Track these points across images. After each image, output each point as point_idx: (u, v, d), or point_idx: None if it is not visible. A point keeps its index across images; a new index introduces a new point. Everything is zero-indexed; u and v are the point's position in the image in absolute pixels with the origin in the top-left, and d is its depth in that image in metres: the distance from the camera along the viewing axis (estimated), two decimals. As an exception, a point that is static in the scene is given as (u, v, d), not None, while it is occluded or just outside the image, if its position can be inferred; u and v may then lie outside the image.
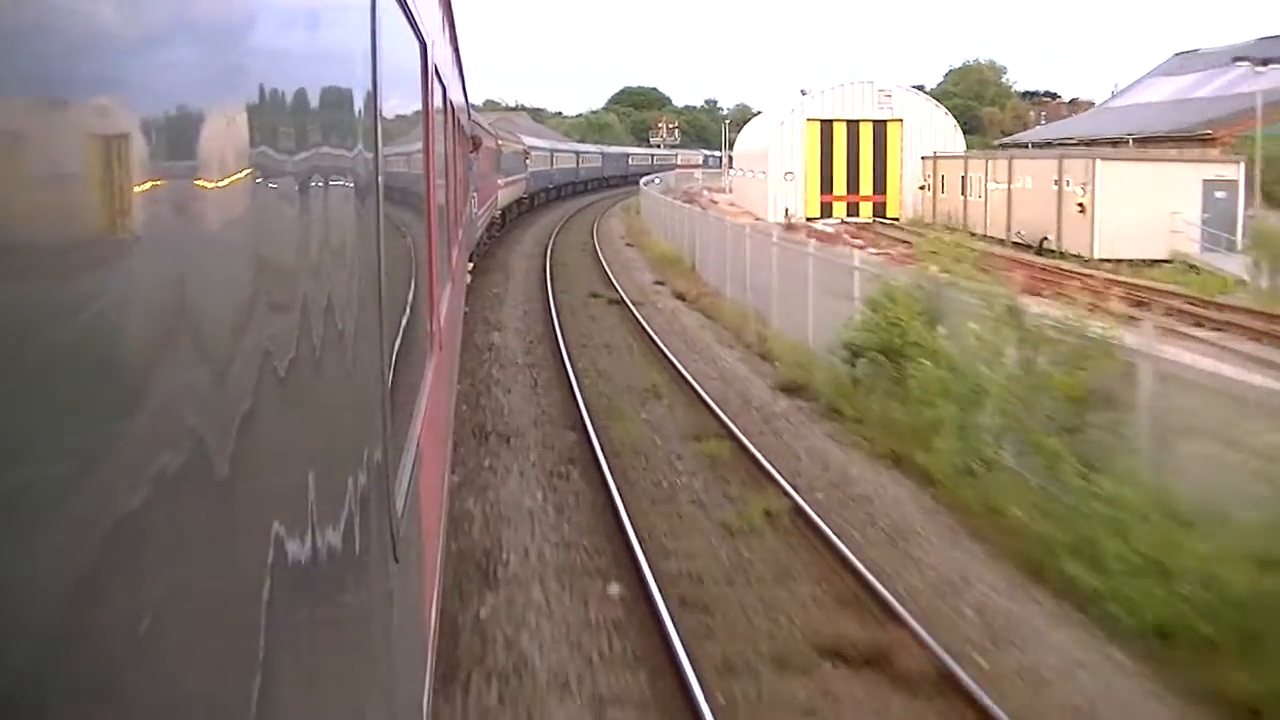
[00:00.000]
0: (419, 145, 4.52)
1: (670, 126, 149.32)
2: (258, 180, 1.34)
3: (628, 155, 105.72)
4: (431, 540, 4.42)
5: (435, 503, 4.95)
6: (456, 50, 11.10)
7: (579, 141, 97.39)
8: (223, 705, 1.12)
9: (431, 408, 4.52)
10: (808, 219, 57.16)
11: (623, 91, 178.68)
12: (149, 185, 0.95)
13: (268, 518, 1.33)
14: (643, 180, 67.88)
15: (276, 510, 1.37)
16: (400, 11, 3.40)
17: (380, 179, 2.58)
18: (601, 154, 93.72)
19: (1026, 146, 62.67)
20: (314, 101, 1.76)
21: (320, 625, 1.66)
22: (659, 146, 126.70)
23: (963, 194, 49.37)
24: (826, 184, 59.60)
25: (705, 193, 73.50)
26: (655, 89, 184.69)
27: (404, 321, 3.39)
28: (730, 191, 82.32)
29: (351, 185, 2.15)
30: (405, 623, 2.98)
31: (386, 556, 2.50)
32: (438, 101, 5.96)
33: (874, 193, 59.81)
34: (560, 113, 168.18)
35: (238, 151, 1.24)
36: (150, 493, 0.91)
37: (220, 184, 1.17)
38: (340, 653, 1.88)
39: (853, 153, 59.59)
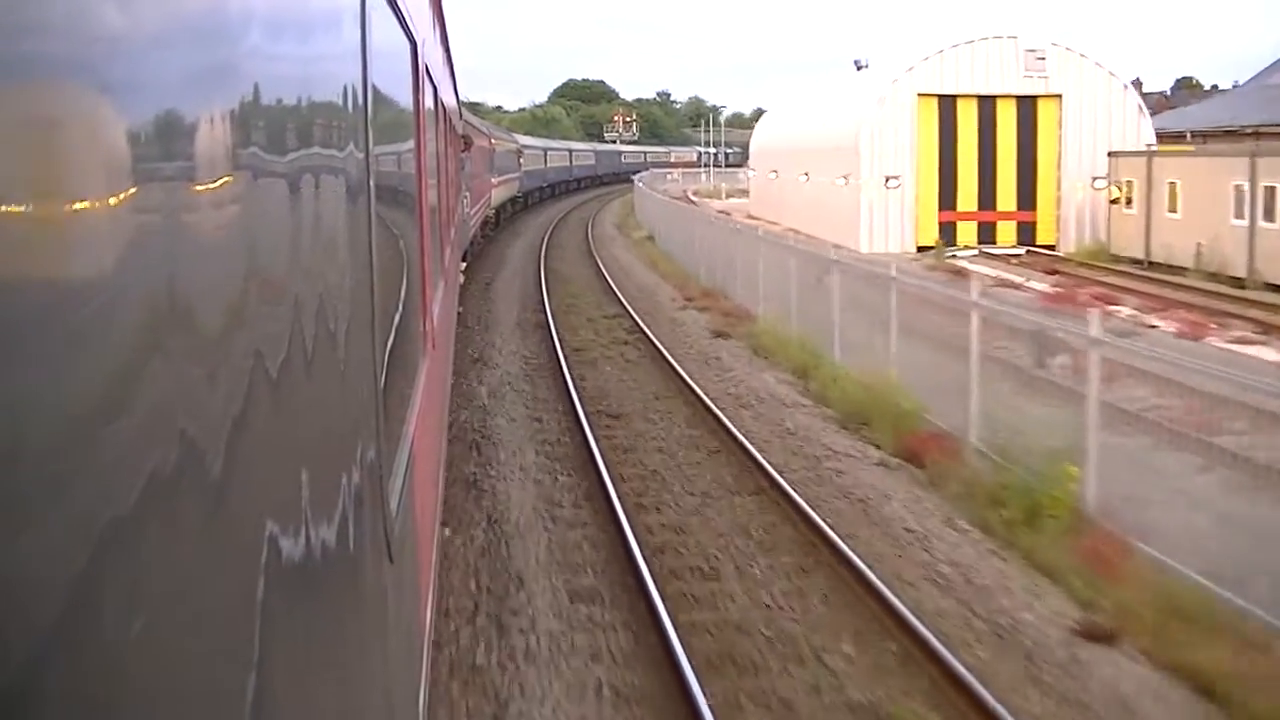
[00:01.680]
0: (410, 145, 4.58)
1: (627, 120, 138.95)
2: (247, 180, 1.32)
3: (620, 153, 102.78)
4: (426, 540, 4.45)
5: (430, 502, 5.00)
6: (447, 50, 10.99)
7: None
8: (216, 705, 1.11)
9: (425, 407, 4.56)
10: (919, 249, 37.78)
11: (567, 84, 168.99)
12: (137, 185, 0.95)
13: (261, 518, 1.31)
14: (637, 184, 58.44)
15: (270, 510, 1.35)
16: (390, 11, 3.44)
17: (371, 179, 2.59)
18: (594, 152, 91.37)
19: (1185, 138, 43.35)
20: (304, 101, 1.76)
21: (314, 625, 1.64)
22: (615, 142, 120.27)
23: (1243, 216, 29.62)
24: (947, 195, 39.76)
25: (690, 195, 58.53)
26: (602, 81, 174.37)
27: (397, 321, 3.39)
28: (729, 198, 64.96)
29: (342, 185, 2.15)
30: (400, 622, 3.00)
31: (381, 556, 2.51)
32: (429, 101, 6.12)
33: (1018, 208, 40.21)
34: (500, 107, 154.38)
35: (227, 151, 1.23)
36: (143, 493, 0.91)
37: (210, 184, 1.16)
38: (335, 652, 1.85)
39: (987, 145, 39.84)
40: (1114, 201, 36.03)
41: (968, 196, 39.72)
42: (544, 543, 9.67)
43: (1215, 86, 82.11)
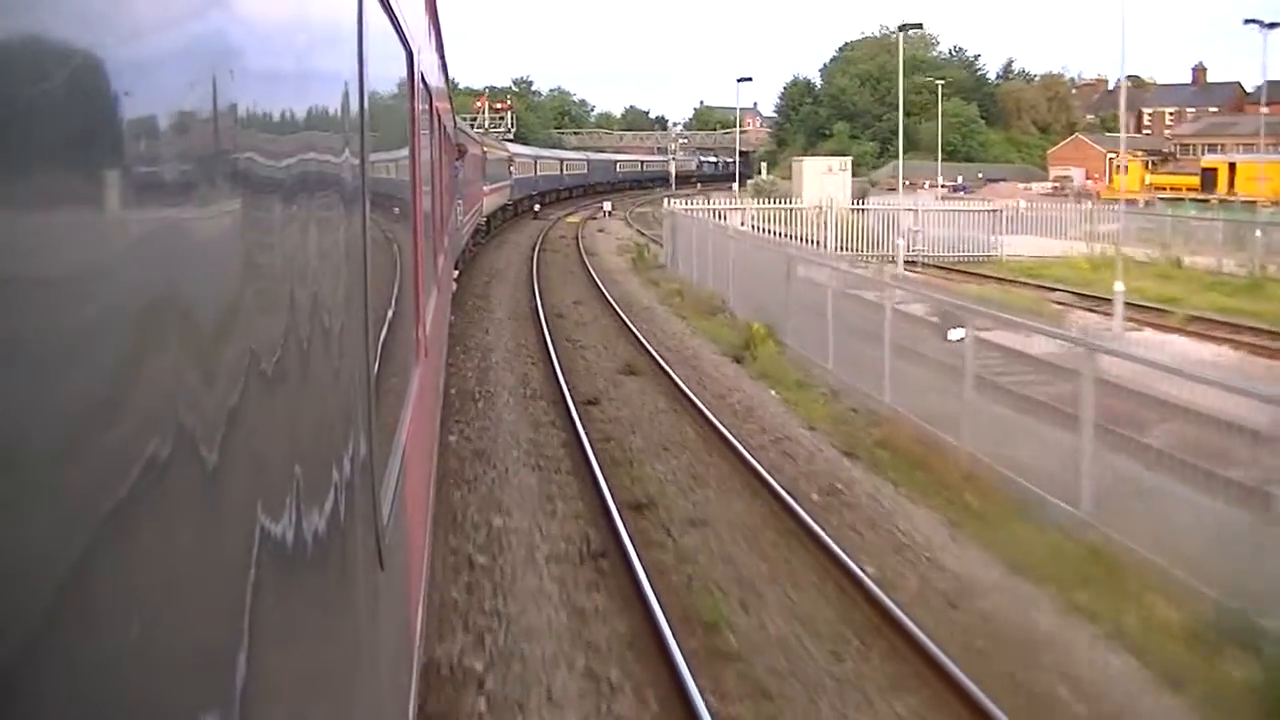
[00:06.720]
0: (405, 153, 4.63)
1: (498, 108, 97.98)
2: (244, 187, 1.34)
3: (614, 162, 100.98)
4: (417, 549, 4.51)
5: (421, 511, 5.06)
6: (442, 58, 11.28)
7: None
8: (206, 710, 1.11)
9: (417, 416, 4.62)
10: None
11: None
12: (134, 189, 0.96)
13: (253, 525, 1.33)
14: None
15: (261, 517, 1.36)
16: (387, 19, 3.48)
17: (366, 186, 2.61)
18: (587, 161, 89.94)
19: None
20: (300, 108, 1.77)
21: (305, 632, 1.66)
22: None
23: None
24: None
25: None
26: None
27: (390, 329, 3.44)
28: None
29: (337, 193, 2.15)
30: (391, 630, 3.03)
31: (373, 564, 2.53)
32: (424, 109, 6.23)
33: None
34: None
35: (225, 158, 1.25)
36: (135, 500, 0.91)
37: (207, 191, 1.18)
38: (324, 658, 1.85)
39: None
40: None
41: None
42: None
43: None
